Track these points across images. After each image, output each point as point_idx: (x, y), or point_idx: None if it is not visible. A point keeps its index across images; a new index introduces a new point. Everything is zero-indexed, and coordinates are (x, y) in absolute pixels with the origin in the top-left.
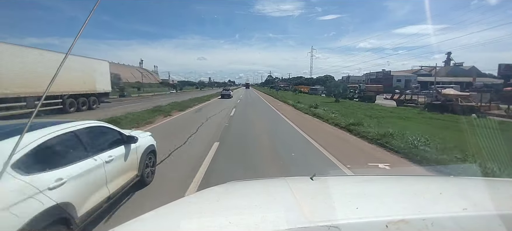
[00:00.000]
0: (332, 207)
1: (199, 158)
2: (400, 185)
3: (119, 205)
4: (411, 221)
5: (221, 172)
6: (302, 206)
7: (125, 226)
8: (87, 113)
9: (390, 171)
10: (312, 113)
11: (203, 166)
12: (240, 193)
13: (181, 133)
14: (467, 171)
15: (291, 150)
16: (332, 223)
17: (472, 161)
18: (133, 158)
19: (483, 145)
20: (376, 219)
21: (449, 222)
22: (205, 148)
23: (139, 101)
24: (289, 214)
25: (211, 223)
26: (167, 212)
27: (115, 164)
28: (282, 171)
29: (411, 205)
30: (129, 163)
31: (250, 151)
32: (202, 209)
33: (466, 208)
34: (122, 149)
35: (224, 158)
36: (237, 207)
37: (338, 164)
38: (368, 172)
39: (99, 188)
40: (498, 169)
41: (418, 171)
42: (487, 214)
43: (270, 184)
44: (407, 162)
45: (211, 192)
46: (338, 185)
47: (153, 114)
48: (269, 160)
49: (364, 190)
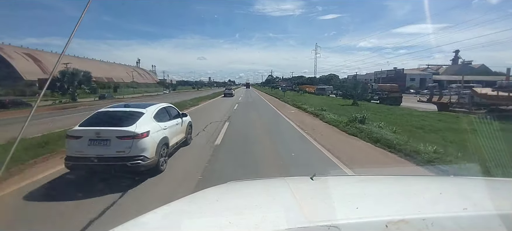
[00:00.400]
0: (332, 207)
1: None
2: (400, 185)
3: (173, 153)
4: (411, 221)
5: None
6: (302, 206)
7: (125, 226)
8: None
9: (390, 171)
10: (373, 140)
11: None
12: (240, 193)
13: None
14: (467, 171)
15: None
16: (332, 223)
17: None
18: (184, 126)
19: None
20: (376, 219)
21: (449, 222)
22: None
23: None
24: (289, 214)
25: (211, 223)
26: (167, 212)
27: (178, 126)
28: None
29: (411, 205)
30: (182, 128)
31: None
32: (202, 209)
33: (466, 208)
34: (180, 119)
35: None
36: (237, 207)
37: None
38: (368, 172)
39: (174, 136)
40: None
41: (418, 171)
42: (487, 214)
43: (270, 184)
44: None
45: (211, 192)
46: (338, 185)
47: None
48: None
49: (364, 190)
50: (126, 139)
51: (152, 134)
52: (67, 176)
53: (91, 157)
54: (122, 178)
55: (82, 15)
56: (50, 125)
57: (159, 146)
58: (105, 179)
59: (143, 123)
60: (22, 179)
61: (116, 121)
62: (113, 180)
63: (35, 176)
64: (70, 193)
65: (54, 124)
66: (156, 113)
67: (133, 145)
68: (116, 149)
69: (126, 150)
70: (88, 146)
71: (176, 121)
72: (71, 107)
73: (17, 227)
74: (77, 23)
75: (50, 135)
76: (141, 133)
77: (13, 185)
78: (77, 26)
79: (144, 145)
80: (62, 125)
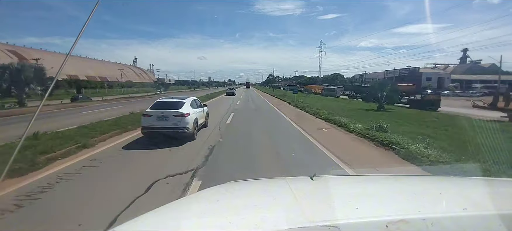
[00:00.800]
0: (332, 207)
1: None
2: (400, 185)
3: (199, 130)
4: (411, 221)
5: None
6: (302, 206)
7: (125, 226)
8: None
9: (390, 171)
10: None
11: None
12: (240, 193)
13: None
14: (467, 171)
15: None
16: (332, 223)
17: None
18: (204, 113)
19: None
20: (376, 219)
21: (449, 222)
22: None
23: (55, 114)
24: (289, 214)
25: (211, 223)
26: (167, 212)
27: (202, 113)
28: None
29: (411, 205)
30: (204, 114)
31: None
32: (202, 209)
33: (466, 208)
34: (202, 108)
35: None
36: (237, 207)
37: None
38: (368, 172)
39: (200, 119)
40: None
41: (418, 171)
42: (487, 214)
43: (270, 184)
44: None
45: (211, 192)
46: (338, 185)
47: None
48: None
49: (364, 190)
50: (178, 116)
51: (191, 115)
52: (140, 139)
53: (157, 126)
54: (173, 140)
55: (90, 16)
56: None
57: (194, 122)
58: (162, 141)
59: (186, 107)
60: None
61: (170, 106)
62: (168, 141)
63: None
64: (147, 145)
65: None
66: (191, 103)
67: (182, 120)
68: (172, 122)
69: (177, 123)
70: (156, 120)
71: (201, 109)
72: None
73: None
74: (85, 24)
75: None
76: (186, 113)
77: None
78: (85, 27)
79: (187, 120)
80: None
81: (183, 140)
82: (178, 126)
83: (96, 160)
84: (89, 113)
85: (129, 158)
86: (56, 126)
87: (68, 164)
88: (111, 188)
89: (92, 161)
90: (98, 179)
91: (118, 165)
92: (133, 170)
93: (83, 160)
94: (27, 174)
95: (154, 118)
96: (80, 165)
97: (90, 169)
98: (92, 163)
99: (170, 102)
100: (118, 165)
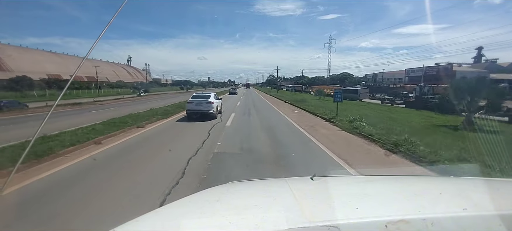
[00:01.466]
0: (332, 207)
1: None
2: (400, 185)
3: (220, 116)
4: (411, 221)
5: None
6: (302, 206)
7: (125, 226)
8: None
9: (390, 171)
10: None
11: None
12: (240, 193)
13: None
14: (467, 171)
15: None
16: (332, 223)
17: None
18: (220, 104)
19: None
20: (376, 219)
21: (449, 222)
22: None
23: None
24: (289, 214)
25: (211, 223)
26: (167, 212)
27: (220, 103)
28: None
29: (411, 205)
30: (219, 105)
31: None
32: (202, 209)
33: (466, 208)
34: (219, 100)
35: None
36: (237, 207)
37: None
38: (368, 172)
39: (219, 107)
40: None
41: (418, 170)
42: (487, 214)
43: (270, 184)
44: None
45: (211, 192)
46: (338, 185)
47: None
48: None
49: (364, 190)
50: (208, 103)
51: (215, 103)
52: (183, 119)
53: (196, 109)
54: (206, 118)
55: (114, 17)
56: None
57: (217, 108)
58: (199, 119)
59: (212, 98)
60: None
61: (202, 97)
62: (203, 119)
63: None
64: (188, 121)
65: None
66: (213, 95)
67: (210, 106)
68: (204, 107)
69: (208, 107)
70: (195, 105)
71: (219, 100)
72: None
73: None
74: (107, 24)
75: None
76: (212, 101)
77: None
78: (107, 27)
79: (213, 106)
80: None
81: (210, 119)
82: (208, 109)
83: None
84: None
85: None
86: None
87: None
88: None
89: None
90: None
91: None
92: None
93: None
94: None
95: (194, 104)
96: (160, 129)
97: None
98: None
99: (202, 95)
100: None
